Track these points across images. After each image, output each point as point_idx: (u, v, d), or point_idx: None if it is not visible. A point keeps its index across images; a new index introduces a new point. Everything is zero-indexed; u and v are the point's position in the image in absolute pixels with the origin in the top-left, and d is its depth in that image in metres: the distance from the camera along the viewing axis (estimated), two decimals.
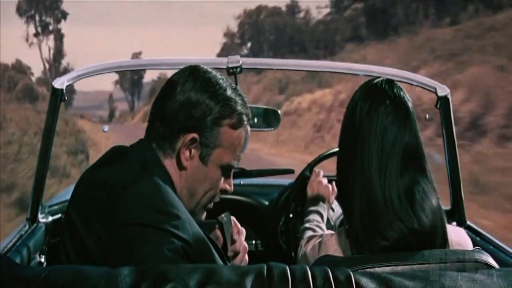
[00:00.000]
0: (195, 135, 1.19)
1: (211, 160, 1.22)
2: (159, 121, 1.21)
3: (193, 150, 1.21)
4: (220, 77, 1.25)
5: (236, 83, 1.70)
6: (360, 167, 1.16)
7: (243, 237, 1.40)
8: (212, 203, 1.31)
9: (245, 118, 1.25)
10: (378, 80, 1.22)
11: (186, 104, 1.19)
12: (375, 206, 1.13)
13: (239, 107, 1.23)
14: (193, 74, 1.23)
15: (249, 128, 1.28)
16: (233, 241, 1.38)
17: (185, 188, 1.23)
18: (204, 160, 1.22)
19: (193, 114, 1.19)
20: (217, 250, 1.20)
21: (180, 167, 1.21)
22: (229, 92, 1.23)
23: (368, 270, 1.00)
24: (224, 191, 1.30)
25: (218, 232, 1.37)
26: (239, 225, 1.41)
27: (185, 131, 1.19)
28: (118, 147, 1.25)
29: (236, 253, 1.37)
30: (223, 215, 1.36)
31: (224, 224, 1.34)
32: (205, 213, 1.31)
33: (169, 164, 1.21)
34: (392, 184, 1.13)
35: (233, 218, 1.39)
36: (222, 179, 1.27)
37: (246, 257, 1.39)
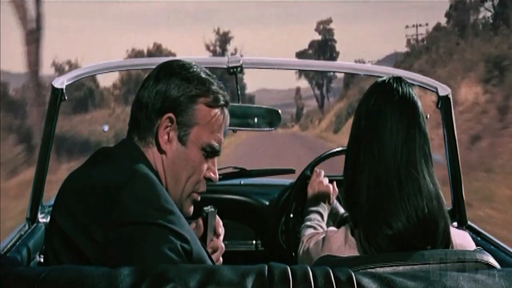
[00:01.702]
0: (170, 114, 1.20)
1: (190, 141, 1.22)
2: (138, 112, 1.23)
3: (171, 133, 1.21)
4: (194, 64, 1.27)
5: (236, 83, 1.70)
6: (370, 159, 1.18)
7: (222, 234, 1.40)
8: (199, 196, 1.29)
9: (221, 98, 1.25)
10: (386, 77, 1.25)
11: (161, 89, 1.21)
12: (386, 194, 1.15)
13: (214, 87, 1.24)
14: (167, 65, 1.26)
15: (227, 111, 1.28)
16: (216, 235, 1.37)
17: (169, 176, 1.23)
18: (183, 141, 1.22)
19: (168, 96, 1.20)
20: (204, 248, 1.20)
21: (160, 151, 1.22)
22: (203, 75, 1.24)
23: (369, 270, 1.00)
24: (209, 180, 1.29)
25: (201, 222, 1.36)
26: (220, 220, 1.41)
27: (161, 113, 1.20)
28: (104, 149, 1.26)
29: (214, 250, 1.37)
30: (209, 206, 1.35)
31: (209, 215, 1.33)
32: (192, 207, 1.30)
33: (151, 153, 1.22)
34: (405, 174, 1.15)
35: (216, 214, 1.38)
36: (205, 164, 1.26)
37: (221, 258, 1.38)
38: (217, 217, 1.39)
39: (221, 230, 1.40)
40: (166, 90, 1.21)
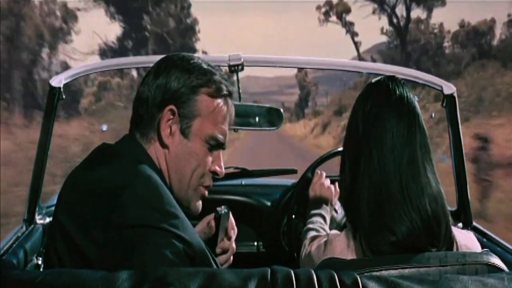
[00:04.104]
0: (172, 106, 1.18)
1: (192, 133, 1.20)
2: (139, 108, 1.21)
3: (173, 126, 1.19)
4: (195, 56, 1.25)
5: (237, 82, 1.67)
6: (369, 163, 1.15)
7: (234, 236, 1.38)
8: (206, 190, 1.27)
9: (224, 88, 1.22)
10: (380, 78, 1.23)
11: (161, 83, 1.19)
12: (388, 198, 1.12)
13: (216, 77, 1.21)
14: (167, 58, 1.24)
15: (231, 102, 1.25)
16: (227, 237, 1.36)
17: (172, 171, 1.20)
18: (186, 133, 1.20)
19: (168, 88, 1.18)
20: (209, 251, 1.18)
21: (163, 145, 1.19)
22: (204, 65, 1.22)
23: (374, 273, 0.98)
24: (215, 174, 1.26)
25: (213, 223, 1.34)
26: (233, 221, 1.39)
27: (162, 106, 1.18)
28: (105, 146, 1.23)
29: (224, 251, 1.35)
30: (222, 207, 1.33)
31: (222, 216, 1.31)
32: (200, 202, 1.27)
33: (154, 150, 1.20)
34: (407, 174, 1.13)
35: (230, 215, 1.36)
36: (210, 157, 1.23)
37: (231, 258, 1.37)
38: (231, 218, 1.37)
39: (233, 232, 1.38)
40: (166, 83, 1.18)
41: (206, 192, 1.27)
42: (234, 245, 1.38)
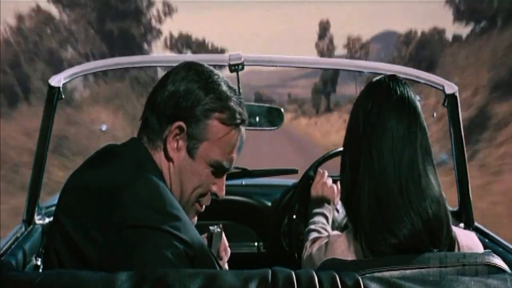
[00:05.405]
0: (181, 123, 1.16)
1: (198, 155, 1.18)
2: (150, 112, 1.20)
3: (180, 141, 1.18)
4: (216, 73, 1.22)
5: (238, 81, 1.67)
6: (369, 164, 1.14)
7: (227, 258, 1.37)
8: (203, 207, 1.26)
9: (238, 116, 1.20)
10: (381, 76, 1.21)
11: (176, 93, 1.17)
12: (388, 200, 1.11)
13: (231, 104, 1.19)
14: (187, 66, 1.22)
15: (243, 130, 1.23)
16: (219, 257, 1.34)
17: (174, 183, 1.20)
18: (191, 153, 1.18)
19: (182, 103, 1.16)
20: (211, 253, 1.18)
21: (167, 158, 1.18)
22: (223, 87, 1.20)
23: (376, 274, 0.97)
24: (215, 195, 1.25)
25: (205, 242, 1.33)
26: (227, 243, 1.37)
27: (172, 119, 1.16)
28: (110, 147, 1.22)
29: None
30: (215, 226, 1.31)
31: (214, 235, 1.29)
32: (196, 218, 1.27)
33: (158, 157, 1.19)
34: (407, 175, 1.11)
35: (223, 235, 1.34)
36: (213, 179, 1.23)
37: None
38: (224, 239, 1.35)
39: (225, 254, 1.36)
40: (180, 96, 1.16)
41: (202, 209, 1.26)
42: (226, 266, 1.37)
